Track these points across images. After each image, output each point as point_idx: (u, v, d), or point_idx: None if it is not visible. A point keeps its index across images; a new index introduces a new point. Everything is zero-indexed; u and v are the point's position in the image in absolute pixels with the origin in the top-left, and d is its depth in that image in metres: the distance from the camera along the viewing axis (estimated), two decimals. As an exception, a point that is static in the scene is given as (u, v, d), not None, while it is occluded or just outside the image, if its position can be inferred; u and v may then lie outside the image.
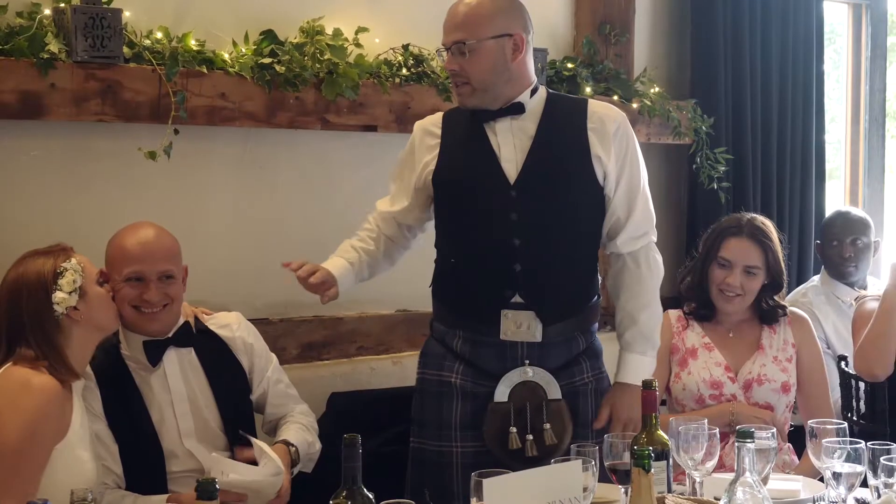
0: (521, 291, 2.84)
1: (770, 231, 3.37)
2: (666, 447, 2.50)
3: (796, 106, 4.84)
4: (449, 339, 2.92)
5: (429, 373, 2.96)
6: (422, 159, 2.93)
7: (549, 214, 2.84)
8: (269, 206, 3.56)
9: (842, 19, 5.48)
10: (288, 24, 3.46)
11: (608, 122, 2.88)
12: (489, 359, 2.87)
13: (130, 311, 2.71)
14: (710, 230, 3.45)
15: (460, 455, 2.86)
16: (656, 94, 4.31)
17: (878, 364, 3.53)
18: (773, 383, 3.29)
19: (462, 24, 2.79)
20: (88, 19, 3.01)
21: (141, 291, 2.71)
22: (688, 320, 3.41)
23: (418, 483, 2.90)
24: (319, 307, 3.65)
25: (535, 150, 2.85)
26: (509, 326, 2.84)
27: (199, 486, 1.86)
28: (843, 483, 2.39)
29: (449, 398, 2.89)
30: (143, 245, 2.72)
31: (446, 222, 2.96)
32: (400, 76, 3.61)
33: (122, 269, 2.70)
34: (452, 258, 2.93)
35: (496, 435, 2.84)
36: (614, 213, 2.92)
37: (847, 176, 5.48)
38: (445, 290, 2.97)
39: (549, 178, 2.84)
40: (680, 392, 3.32)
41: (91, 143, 3.22)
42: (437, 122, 2.95)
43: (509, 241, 2.83)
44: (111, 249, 2.74)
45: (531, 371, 2.85)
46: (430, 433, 2.91)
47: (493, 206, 2.84)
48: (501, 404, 2.84)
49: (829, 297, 4.28)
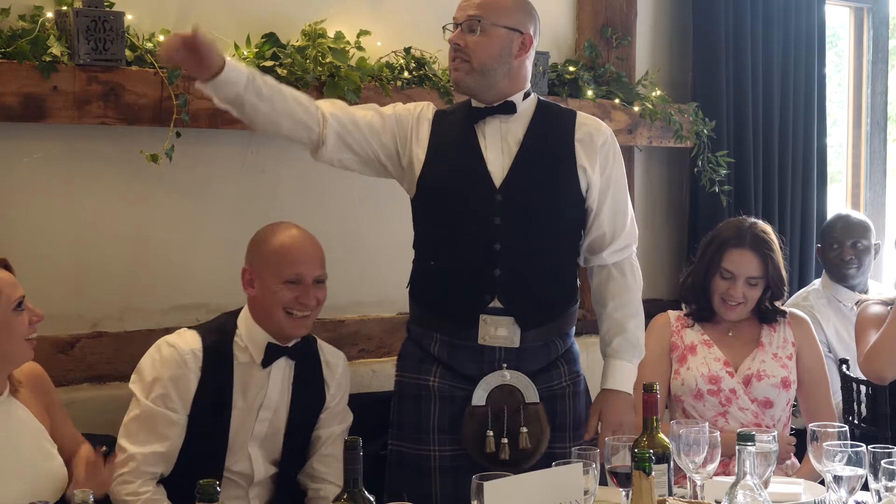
0: (500, 296, 2.83)
1: (772, 240, 3.39)
2: (667, 450, 2.50)
3: (798, 109, 4.83)
4: (426, 341, 2.91)
5: (406, 376, 2.94)
6: (413, 147, 2.90)
7: (532, 220, 2.84)
8: (270, 208, 3.55)
9: (843, 22, 5.48)
10: (290, 27, 3.46)
11: (596, 136, 2.90)
12: (467, 362, 2.86)
13: (282, 315, 2.75)
14: (712, 237, 3.46)
15: (438, 459, 2.86)
16: (658, 97, 4.31)
17: (886, 367, 3.52)
18: (772, 379, 3.31)
19: (481, 4, 2.81)
20: (91, 22, 3.01)
21: (298, 295, 2.74)
22: (687, 320, 3.43)
23: (397, 486, 2.89)
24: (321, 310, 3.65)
25: (522, 155, 2.85)
26: (487, 331, 2.84)
27: (200, 488, 1.86)
28: (844, 486, 2.39)
29: (427, 401, 2.88)
30: (301, 246, 2.79)
31: (427, 223, 2.94)
32: (402, 79, 3.62)
33: (281, 269, 2.73)
34: (432, 260, 2.91)
35: (473, 439, 2.83)
36: (600, 228, 2.92)
37: (848, 179, 5.48)
38: (423, 292, 2.95)
39: (534, 184, 2.84)
40: (678, 388, 3.33)
41: (93, 146, 3.22)
42: (430, 118, 2.93)
43: (491, 246, 2.82)
44: (264, 249, 2.77)
45: (509, 374, 2.85)
46: (409, 436, 2.91)
47: (476, 210, 2.83)
48: (479, 408, 2.83)
49: (831, 300, 4.28)
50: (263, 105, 2.70)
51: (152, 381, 2.69)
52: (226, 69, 2.61)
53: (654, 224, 4.59)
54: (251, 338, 2.79)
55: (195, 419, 2.71)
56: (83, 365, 3.16)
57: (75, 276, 3.21)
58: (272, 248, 2.77)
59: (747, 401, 3.29)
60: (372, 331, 3.75)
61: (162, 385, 2.69)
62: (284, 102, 2.74)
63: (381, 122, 2.88)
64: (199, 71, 2.61)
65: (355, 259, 3.72)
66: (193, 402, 2.70)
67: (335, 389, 2.93)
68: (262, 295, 2.76)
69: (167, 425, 2.69)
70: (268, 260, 2.76)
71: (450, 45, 2.86)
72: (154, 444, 2.67)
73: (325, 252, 2.99)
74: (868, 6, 5.40)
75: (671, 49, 4.63)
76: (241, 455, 2.78)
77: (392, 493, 2.85)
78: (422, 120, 2.92)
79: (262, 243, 2.80)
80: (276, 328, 2.78)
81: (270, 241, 2.79)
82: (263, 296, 2.76)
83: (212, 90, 2.64)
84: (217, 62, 2.59)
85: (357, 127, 2.85)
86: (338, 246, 3.69)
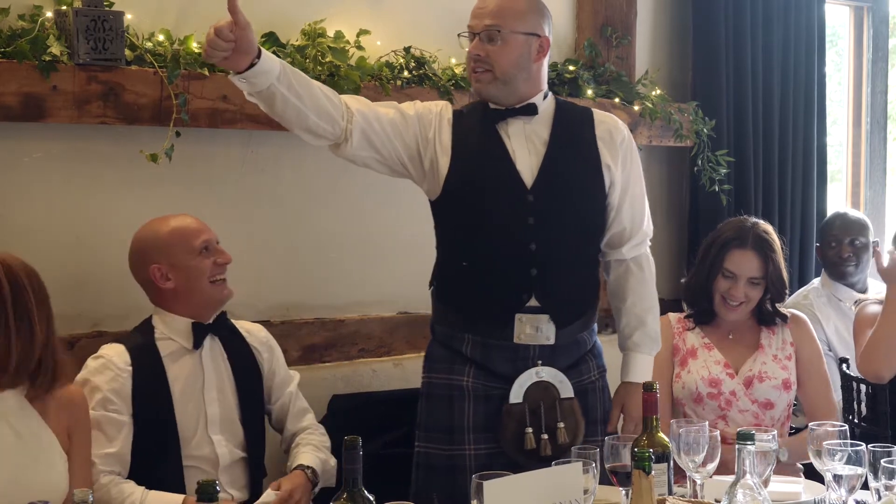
0: (536, 295, 2.85)
1: (773, 241, 3.40)
2: (667, 449, 2.50)
3: (798, 108, 4.83)
4: (457, 342, 2.91)
5: (436, 377, 2.94)
6: (435, 148, 2.88)
7: (563, 218, 2.87)
8: (270, 208, 3.56)
9: (843, 21, 5.48)
10: (289, 27, 3.46)
11: (615, 133, 2.95)
12: (501, 361, 2.87)
13: (208, 286, 2.85)
14: (713, 238, 3.46)
15: (473, 458, 2.87)
16: (658, 96, 4.31)
17: (884, 366, 3.53)
18: (773, 380, 3.32)
19: (497, 12, 2.81)
20: (90, 22, 3.01)
21: (214, 258, 2.86)
22: (688, 322, 3.44)
23: (425, 488, 2.89)
24: (321, 310, 3.67)
25: (551, 155, 2.87)
26: (523, 329, 2.85)
27: (200, 489, 1.86)
28: (844, 485, 2.39)
29: (460, 401, 2.89)
30: (187, 220, 2.90)
31: (454, 225, 2.93)
32: (401, 78, 3.62)
33: (191, 243, 2.84)
34: (464, 261, 2.90)
35: (512, 436, 2.85)
36: (620, 223, 2.98)
37: (848, 178, 5.48)
38: (454, 293, 2.94)
39: (563, 183, 2.87)
40: (679, 391, 3.34)
41: (93, 146, 3.22)
42: (449, 118, 2.91)
43: (527, 246, 2.84)
44: (163, 237, 2.85)
45: (543, 371, 2.87)
46: (440, 437, 2.91)
47: (509, 211, 2.85)
48: (516, 405, 2.85)
49: (830, 298, 4.28)
50: (293, 97, 2.65)
51: (89, 391, 2.73)
52: (262, 57, 2.56)
53: (654, 223, 4.52)
54: (172, 328, 2.86)
55: (139, 416, 2.76)
56: (83, 365, 3.16)
57: (75, 276, 3.21)
58: (168, 234, 2.87)
59: (747, 402, 3.30)
60: (372, 330, 3.75)
61: (99, 391, 2.74)
62: (312, 95, 2.69)
63: (404, 122, 2.86)
64: (238, 59, 2.55)
65: (355, 259, 3.72)
66: (133, 401, 2.75)
67: (266, 353, 3.00)
68: (183, 278, 2.84)
69: (113, 427, 2.73)
70: (172, 244, 2.85)
71: (468, 55, 2.86)
72: (105, 447, 2.71)
73: (326, 252, 3.02)
74: (868, 5, 5.40)
75: (671, 48, 4.63)
76: (202, 440, 2.82)
77: (420, 495, 2.86)
78: (443, 120, 2.91)
79: (156, 238, 2.88)
80: (202, 303, 2.86)
81: (162, 230, 2.88)
82: (185, 278, 2.84)
83: (246, 82, 2.59)
84: (254, 49, 2.55)
85: (381, 125, 2.82)
86: (337, 246, 3.70)
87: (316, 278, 3.66)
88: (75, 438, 2.59)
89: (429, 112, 2.91)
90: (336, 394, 3.46)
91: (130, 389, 2.75)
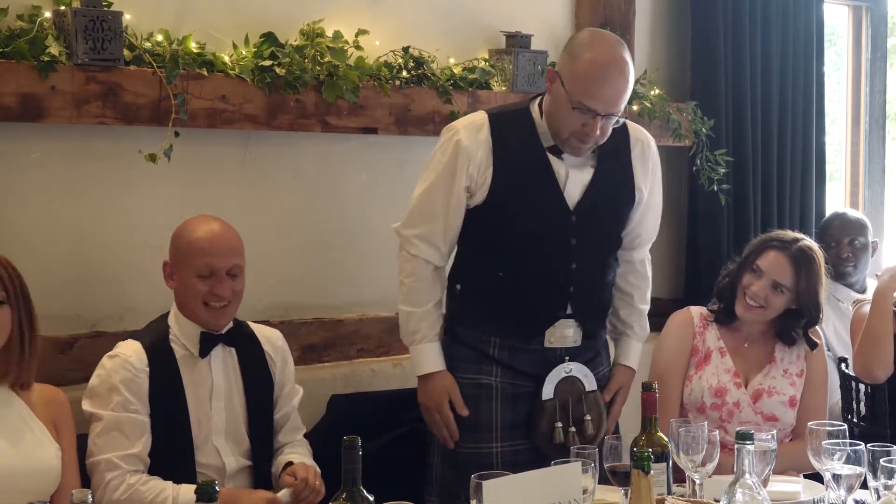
0: (571, 308, 2.99)
1: (816, 261, 3.33)
2: (665, 449, 2.51)
3: (796, 108, 4.83)
4: (483, 344, 3.01)
5: (463, 377, 3.02)
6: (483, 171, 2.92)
7: (600, 238, 3.02)
8: (269, 208, 3.56)
9: (842, 21, 5.48)
10: (288, 27, 3.46)
11: (647, 152, 3.07)
12: (530, 363, 2.99)
13: (201, 307, 2.78)
14: (761, 238, 3.43)
15: (500, 455, 2.96)
16: (656, 95, 4.31)
17: (877, 365, 3.53)
18: (782, 396, 3.30)
19: (623, 97, 2.84)
20: (89, 22, 3.01)
21: (211, 286, 2.77)
22: (709, 320, 3.40)
23: (449, 485, 2.99)
24: (320, 310, 3.67)
25: (596, 179, 2.96)
26: (553, 334, 2.99)
27: (200, 489, 1.86)
28: (843, 485, 2.40)
29: (488, 400, 2.98)
30: (212, 239, 2.79)
31: (496, 236, 2.98)
32: (400, 78, 3.62)
33: (193, 262, 2.76)
34: (500, 271, 2.98)
35: (545, 432, 2.96)
36: (639, 232, 3.12)
37: (847, 178, 5.48)
38: (485, 299, 3.02)
39: (604, 204, 2.98)
40: (687, 396, 3.32)
41: (91, 146, 3.22)
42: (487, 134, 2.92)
43: (568, 266, 2.96)
44: (179, 243, 2.81)
45: (571, 367, 3.00)
46: (465, 436, 2.98)
47: (552, 230, 2.95)
48: (549, 401, 2.97)
49: (829, 298, 4.27)
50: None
51: (108, 391, 2.71)
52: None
53: (653, 223, 4.59)
54: (183, 332, 2.82)
55: (156, 418, 2.73)
56: (83, 365, 3.15)
57: (74, 276, 3.21)
58: (186, 242, 2.81)
59: (751, 413, 3.26)
60: (371, 330, 3.75)
61: (118, 392, 2.71)
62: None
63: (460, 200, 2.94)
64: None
65: (355, 259, 3.72)
66: (150, 401, 2.73)
67: (280, 363, 2.97)
68: (181, 288, 2.81)
69: (134, 428, 2.70)
70: (182, 253, 2.81)
71: (584, 128, 2.83)
72: (128, 448, 2.69)
73: (325, 252, 3.00)
74: (867, 5, 5.40)
75: (670, 48, 4.63)
76: (207, 448, 2.80)
77: (443, 490, 2.98)
78: (480, 144, 2.92)
79: (178, 237, 2.84)
80: (196, 320, 2.81)
81: (185, 235, 2.82)
82: (182, 289, 2.81)
83: None
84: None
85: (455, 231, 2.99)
86: (337, 246, 3.70)
87: (315, 278, 3.66)
88: (62, 433, 2.60)
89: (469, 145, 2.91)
90: (335, 394, 3.46)
91: (147, 390, 2.72)
